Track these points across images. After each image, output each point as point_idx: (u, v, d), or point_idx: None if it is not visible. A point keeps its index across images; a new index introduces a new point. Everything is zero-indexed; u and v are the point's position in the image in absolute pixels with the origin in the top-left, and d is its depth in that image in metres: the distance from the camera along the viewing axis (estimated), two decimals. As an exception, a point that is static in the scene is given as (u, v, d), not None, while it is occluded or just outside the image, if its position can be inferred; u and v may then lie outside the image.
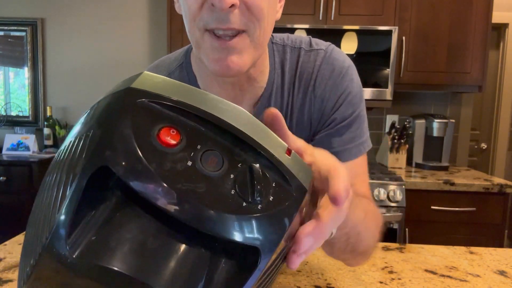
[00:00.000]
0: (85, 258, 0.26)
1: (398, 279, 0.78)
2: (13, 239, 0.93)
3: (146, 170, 0.26)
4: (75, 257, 0.26)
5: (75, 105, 2.71)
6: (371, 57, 2.10)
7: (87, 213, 0.27)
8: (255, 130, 0.29)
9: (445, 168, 2.30)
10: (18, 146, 2.53)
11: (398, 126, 2.29)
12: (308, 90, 0.66)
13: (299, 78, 0.66)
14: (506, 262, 0.88)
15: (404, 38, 2.17)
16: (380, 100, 2.11)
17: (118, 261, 0.26)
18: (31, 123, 2.72)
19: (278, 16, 0.60)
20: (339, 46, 2.08)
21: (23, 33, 2.66)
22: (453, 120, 2.34)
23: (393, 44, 2.08)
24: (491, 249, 0.96)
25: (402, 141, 2.30)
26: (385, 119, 2.54)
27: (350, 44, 2.08)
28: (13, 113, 2.73)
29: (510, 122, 3.29)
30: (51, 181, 0.29)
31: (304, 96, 0.66)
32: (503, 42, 3.22)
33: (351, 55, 2.09)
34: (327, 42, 0.69)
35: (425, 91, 2.44)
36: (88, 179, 0.26)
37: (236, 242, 0.27)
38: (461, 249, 0.95)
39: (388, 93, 2.10)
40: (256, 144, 0.29)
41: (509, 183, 1.95)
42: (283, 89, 0.66)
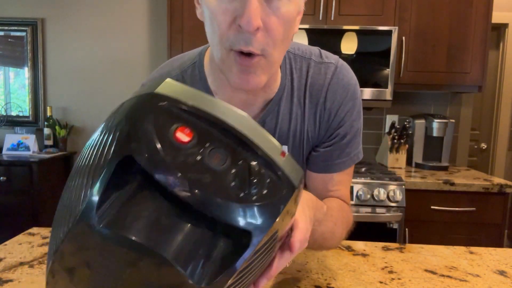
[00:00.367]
0: (109, 228, 0.31)
1: (398, 279, 0.78)
2: (13, 239, 0.93)
3: (163, 161, 0.32)
4: (102, 226, 0.31)
5: (75, 105, 2.71)
6: (371, 57, 2.10)
7: (113, 193, 0.33)
8: (256, 134, 0.35)
9: (445, 168, 2.30)
10: (18, 146, 2.53)
11: (398, 126, 2.29)
12: (319, 102, 0.72)
13: (310, 88, 0.72)
14: (506, 262, 0.88)
15: (404, 38, 2.17)
16: (380, 100, 2.11)
17: (136, 232, 0.31)
18: (31, 123, 2.72)
19: (296, 30, 0.63)
20: (339, 46, 2.09)
21: (23, 33, 2.66)
22: (453, 120, 2.34)
23: (393, 44, 2.08)
24: (491, 249, 0.96)
25: (402, 141, 2.30)
26: (385, 119, 2.54)
27: (350, 44, 2.08)
28: (13, 113, 2.74)
29: (510, 122, 3.29)
30: (84, 166, 0.35)
31: (315, 106, 0.72)
32: (503, 42, 3.22)
33: (351, 55, 2.09)
34: (336, 56, 0.74)
35: (425, 91, 2.44)
36: (116, 165, 0.32)
37: (233, 226, 0.33)
38: (461, 249, 0.95)
39: (388, 93, 2.10)
40: (255, 146, 0.34)
41: (509, 183, 1.95)
42: (293, 96, 0.72)
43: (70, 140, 2.71)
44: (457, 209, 1.97)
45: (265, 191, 0.34)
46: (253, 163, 0.34)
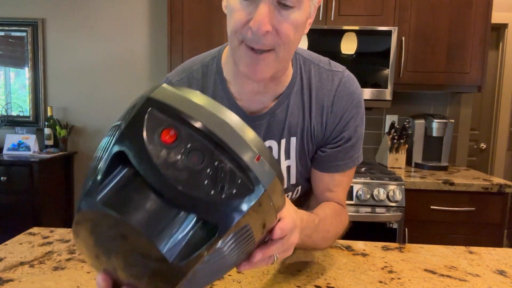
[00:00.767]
0: (107, 207, 0.37)
1: (398, 279, 0.78)
2: (14, 239, 0.94)
3: (148, 158, 0.37)
4: (101, 205, 0.37)
5: (76, 105, 2.71)
6: (371, 58, 2.11)
7: (112, 180, 0.39)
8: (233, 139, 0.39)
9: (445, 168, 2.30)
10: (19, 146, 2.54)
11: (398, 126, 2.29)
12: (327, 105, 0.78)
13: (318, 92, 0.78)
14: (506, 262, 0.88)
15: (404, 39, 2.17)
16: (380, 100, 2.11)
17: (126, 212, 0.36)
18: (32, 123, 2.72)
19: (306, 32, 0.68)
20: (339, 47, 2.09)
21: (24, 34, 2.67)
22: (453, 120, 2.34)
23: (393, 44, 2.08)
24: (491, 249, 0.96)
25: (402, 141, 2.30)
26: (385, 119, 2.54)
27: (350, 45, 2.09)
28: (14, 113, 2.74)
29: (510, 122, 3.29)
30: (98, 152, 0.42)
31: (321, 108, 0.78)
32: (503, 42, 3.23)
33: (351, 55, 2.09)
34: (343, 66, 0.81)
35: (425, 91, 2.45)
36: (113, 156, 0.38)
37: (202, 219, 0.38)
38: (461, 249, 0.95)
39: (388, 93, 2.10)
40: (231, 150, 0.39)
41: (509, 183, 1.95)
42: (303, 93, 0.78)
43: (71, 140, 2.71)
44: (457, 209, 1.97)
45: (234, 191, 0.38)
46: (227, 165, 0.38)
